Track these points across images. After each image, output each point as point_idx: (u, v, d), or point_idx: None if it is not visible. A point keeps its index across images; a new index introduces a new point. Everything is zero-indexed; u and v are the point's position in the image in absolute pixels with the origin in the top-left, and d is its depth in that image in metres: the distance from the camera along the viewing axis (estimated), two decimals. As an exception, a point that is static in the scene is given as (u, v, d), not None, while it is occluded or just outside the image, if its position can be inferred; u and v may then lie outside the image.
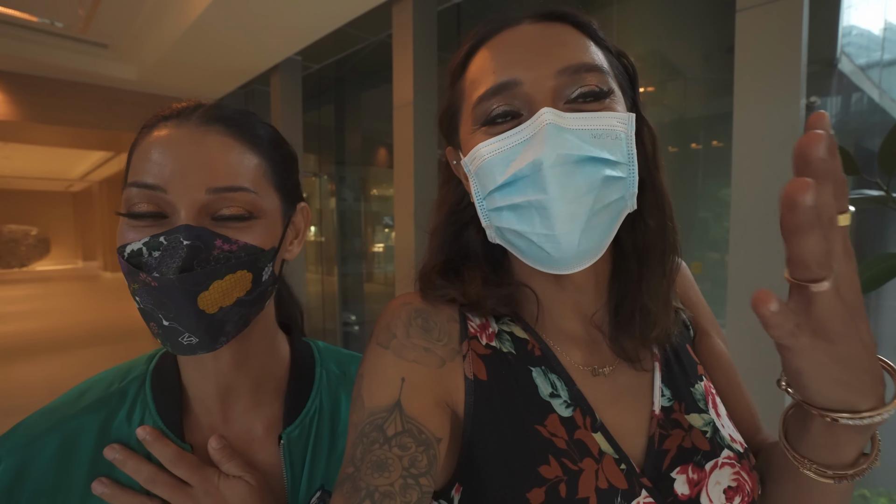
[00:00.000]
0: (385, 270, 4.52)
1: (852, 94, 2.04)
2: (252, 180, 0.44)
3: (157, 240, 0.40)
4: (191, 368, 0.49)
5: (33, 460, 0.43)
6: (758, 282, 1.43)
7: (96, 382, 0.49)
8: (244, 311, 0.44)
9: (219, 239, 0.41)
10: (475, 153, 0.41)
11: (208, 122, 0.44)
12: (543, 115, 0.37)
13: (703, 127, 2.27)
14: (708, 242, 2.13)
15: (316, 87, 4.22)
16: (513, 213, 0.40)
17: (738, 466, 0.42)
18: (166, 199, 0.41)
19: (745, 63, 1.44)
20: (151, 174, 0.41)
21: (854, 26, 2.05)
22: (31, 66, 3.82)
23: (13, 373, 4.17)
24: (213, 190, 0.41)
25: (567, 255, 0.39)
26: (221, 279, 0.41)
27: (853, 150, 1.99)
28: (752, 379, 1.47)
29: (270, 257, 0.45)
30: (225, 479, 0.45)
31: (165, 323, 0.41)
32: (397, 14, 2.69)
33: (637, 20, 2.41)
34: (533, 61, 0.39)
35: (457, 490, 0.40)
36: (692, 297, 0.55)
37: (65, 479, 0.43)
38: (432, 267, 0.47)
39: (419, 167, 2.63)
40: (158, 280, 0.39)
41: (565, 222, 0.37)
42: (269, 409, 0.51)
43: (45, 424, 0.45)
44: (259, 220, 0.44)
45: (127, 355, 1.66)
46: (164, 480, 0.44)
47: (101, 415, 0.46)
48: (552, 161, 0.36)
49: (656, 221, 0.45)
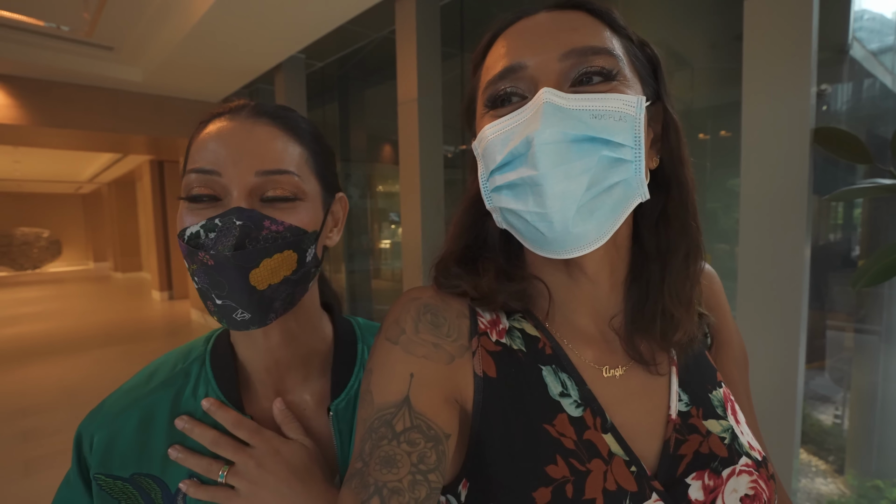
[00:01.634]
0: (392, 266, 4.53)
1: (864, 80, 1.99)
2: (296, 165, 0.48)
3: (212, 222, 0.44)
4: (244, 347, 0.53)
5: (120, 432, 0.49)
6: (768, 272, 1.41)
7: (161, 364, 0.55)
8: (290, 290, 0.48)
9: (267, 220, 0.45)
10: (481, 135, 0.42)
11: (257, 115, 0.49)
12: (542, 94, 0.37)
13: (711, 117, 2.24)
14: (717, 233, 2.11)
15: (320, 85, 4.22)
16: (510, 193, 0.40)
17: (755, 475, 0.41)
18: (221, 182, 0.45)
19: (753, 52, 1.41)
20: (207, 160, 0.45)
21: (866, 10, 2.01)
22: (38, 71, 3.85)
23: (28, 373, 4.24)
24: (262, 173, 0.45)
25: (561, 236, 0.38)
26: (270, 257, 0.45)
27: (865, 137, 1.96)
28: (767, 372, 1.47)
29: (313, 239, 0.49)
30: (284, 441, 0.49)
31: (219, 301, 0.45)
32: (400, 10, 2.67)
33: (643, 10, 2.38)
34: (540, 46, 0.39)
35: (464, 485, 0.40)
36: (713, 304, 0.53)
37: (146, 447, 0.49)
38: (450, 254, 0.47)
39: (424, 163, 2.62)
40: (214, 258, 0.43)
41: (556, 200, 0.36)
42: (317, 384, 0.56)
43: (124, 402, 0.51)
44: (303, 202, 0.48)
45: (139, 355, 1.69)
46: (227, 442, 0.48)
47: (170, 392, 0.51)
48: (544, 138, 0.36)
49: (680, 220, 0.44)
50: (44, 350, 4.98)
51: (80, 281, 11.40)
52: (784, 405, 1.39)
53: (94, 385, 3.90)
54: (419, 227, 2.63)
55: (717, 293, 0.54)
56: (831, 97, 1.98)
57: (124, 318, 6.76)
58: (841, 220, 2.19)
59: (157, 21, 3.27)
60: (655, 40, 0.45)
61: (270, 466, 0.47)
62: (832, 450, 2.12)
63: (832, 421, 2.18)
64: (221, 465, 0.48)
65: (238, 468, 0.48)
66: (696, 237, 0.45)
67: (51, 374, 4.20)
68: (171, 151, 6.20)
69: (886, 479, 1.89)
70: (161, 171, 7.88)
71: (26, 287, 10.36)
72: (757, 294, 1.44)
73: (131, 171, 9.23)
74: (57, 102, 4.14)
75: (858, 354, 2.04)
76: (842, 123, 2.00)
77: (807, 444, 2.17)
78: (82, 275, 12.80)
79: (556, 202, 0.37)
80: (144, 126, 4.62)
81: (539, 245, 0.40)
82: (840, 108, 2.02)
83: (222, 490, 0.47)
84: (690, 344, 0.45)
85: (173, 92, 4.61)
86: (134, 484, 0.48)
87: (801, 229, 1.33)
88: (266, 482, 0.47)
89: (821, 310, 2.09)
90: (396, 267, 4.35)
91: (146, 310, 7.37)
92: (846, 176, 1.93)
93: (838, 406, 2.17)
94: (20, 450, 2.82)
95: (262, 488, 0.47)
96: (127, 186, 11.11)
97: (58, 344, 5.23)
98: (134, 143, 5.57)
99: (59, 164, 9.11)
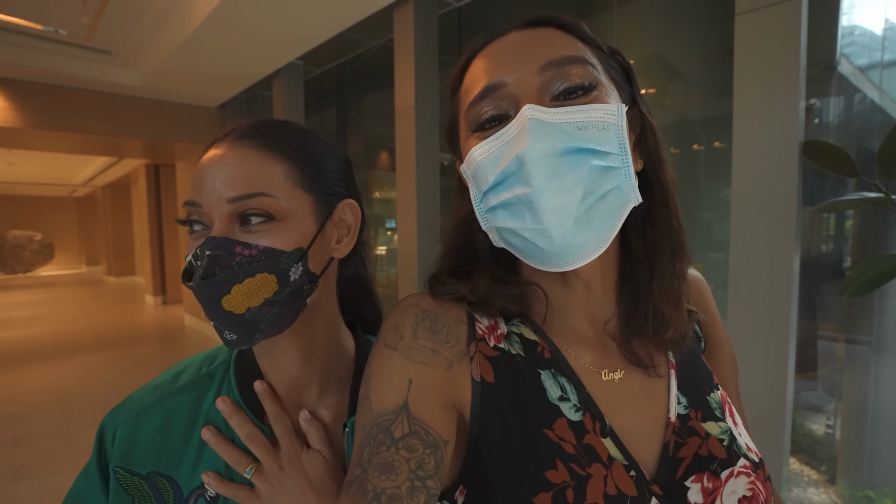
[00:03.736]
0: (388, 273, 4.53)
1: (852, 95, 2.04)
2: (274, 185, 0.47)
3: (196, 252, 0.46)
4: (264, 361, 0.54)
5: (142, 429, 0.50)
6: (758, 282, 1.43)
7: (188, 366, 0.56)
8: (276, 310, 0.47)
9: (238, 245, 0.45)
10: (469, 157, 0.42)
11: (237, 139, 0.49)
12: (525, 111, 0.38)
13: (704, 128, 2.27)
14: (711, 244, 2.13)
15: (318, 92, 4.24)
16: (506, 211, 0.40)
17: (753, 476, 0.42)
18: (203, 212, 0.46)
19: (744, 67, 1.44)
20: (193, 192, 0.47)
21: (856, 26, 2.05)
22: (35, 74, 3.84)
23: (19, 377, 4.18)
24: (232, 199, 0.46)
25: (561, 249, 0.38)
26: (241, 283, 0.44)
27: (855, 151, 1.99)
28: (757, 380, 1.48)
29: (296, 257, 0.48)
30: (306, 451, 0.50)
31: (213, 323, 0.47)
32: (398, 18, 2.70)
33: (637, 23, 2.41)
34: (517, 63, 0.40)
35: (461, 492, 0.40)
36: (703, 309, 0.54)
37: (165, 446, 0.50)
38: (444, 270, 0.48)
39: (421, 170, 2.64)
40: (192, 288, 0.45)
41: (553, 214, 0.37)
42: (335, 400, 0.56)
43: (149, 400, 0.52)
44: (282, 222, 0.47)
45: (131, 359, 1.68)
46: (261, 440, 0.49)
47: (193, 394, 0.52)
48: (534, 154, 0.36)
49: (664, 219, 0.45)
50: (34, 354, 4.91)
51: (73, 285, 11.28)
52: (773, 414, 1.40)
53: (85, 390, 3.85)
54: (415, 234, 2.64)
55: (704, 298, 0.55)
56: (823, 111, 2.02)
57: (117, 322, 6.69)
58: (833, 232, 2.21)
59: (156, 26, 3.28)
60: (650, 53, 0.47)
61: (291, 472, 0.48)
62: (824, 459, 2.13)
63: (824, 431, 2.19)
64: (250, 461, 0.49)
65: (263, 468, 0.48)
66: (681, 235, 0.46)
67: (41, 379, 4.14)
68: (168, 155, 6.18)
69: (878, 489, 1.90)
70: (157, 175, 7.84)
71: (17, 291, 10.23)
72: (747, 303, 1.46)
73: (126, 174, 9.17)
74: (53, 105, 4.12)
75: (850, 364, 2.06)
76: (833, 137, 2.04)
77: (799, 453, 2.18)
78: (75, 279, 12.66)
79: (553, 216, 0.37)
80: (141, 130, 4.61)
81: (539, 260, 0.40)
82: (833, 122, 2.06)
83: (244, 489, 0.48)
84: (683, 341, 0.46)
85: (171, 96, 4.61)
86: (149, 482, 0.49)
87: (790, 240, 1.35)
88: (285, 487, 0.47)
89: (813, 319, 2.11)
90: (392, 273, 4.35)
91: (139, 314, 7.30)
92: (837, 188, 1.96)
93: (830, 416, 2.18)
94: (8, 456, 2.78)
95: (280, 492, 0.47)
96: (122, 190, 11.04)
97: (49, 348, 5.16)
98: (130, 147, 5.55)
99: (54, 167, 9.06)
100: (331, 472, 0.50)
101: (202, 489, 0.49)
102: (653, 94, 2.34)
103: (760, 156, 1.41)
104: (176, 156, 6.07)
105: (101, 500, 0.50)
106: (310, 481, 0.48)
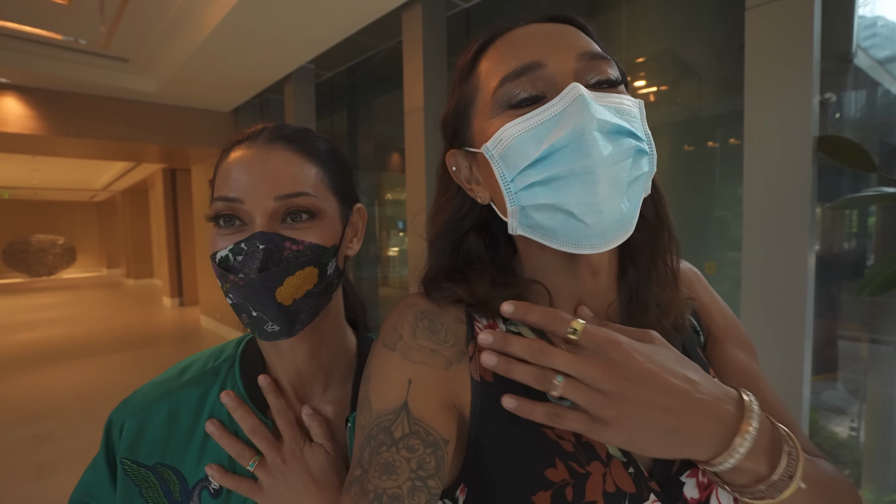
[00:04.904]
0: (400, 274, 4.54)
1: (871, 88, 1.98)
2: (312, 186, 0.51)
3: (239, 246, 0.48)
4: (272, 356, 0.56)
5: (149, 422, 0.51)
6: (771, 281, 1.40)
7: (195, 361, 0.58)
8: (314, 302, 0.51)
9: (287, 241, 0.48)
10: (501, 135, 0.40)
11: (272, 140, 0.51)
12: (574, 88, 0.38)
13: (719, 125, 2.23)
14: (727, 242, 2.09)
15: (329, 95, 4.28)
16: (547, 188, 0.39)
17: None
18: (244, 208, 0.48)
19: (755, 61, 1.41)
20: (231, 188, 0.49)
21: (879, 17, 1.99)
22: (56, 82, 3.95)
23: (42, 377, 4.30)
24: (280, 197, 0.48)
25: (606, 225, 0.38)
26: (293, 275, 0.48)
27: (877, 146, 1.94)
28: (772, 381, 1.44)
29: (332, 253, 0.52)
30: (308, 444, 0.51)
31: (254, 314, 0.48)
32: (407, 21, 2.71)
33: (647, 20, 2.38)
34: (555, 46, 0.41)
35: (461, 491, 0.41)
36: (704, 301, 0.54)
37: (171, 438, 0.51)
38: (437, 272, 0.47)
39: (431, 171, 2.64)
40: (244, 280, 0.46)
41: (608, 187, 0.37)
42: (337, 395, 0.57)
43: (156, 394, 0.53)
44: (321, 220, 0.51)
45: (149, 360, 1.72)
46: (264, 433, 0.51)
47: (199, 389, 0.54)
48: (594, 126, 0.37)
49: (656, 212, 0.46)
50: (58, 355, 5.05)
51: (94, 287, 11.57)
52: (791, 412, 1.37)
53: (105, 390, 3.94)
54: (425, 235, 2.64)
55: (696, 289, 0.55)
56: (843, 105, 1.96)
57: (136, 323, 6.83)
58: (855, 229, 2.15)
59: (170, 34, 3.35)
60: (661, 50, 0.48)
61: (293, 465, 0.49)
62: (848, 463, 2.07)
63: (848, 433, 2.13)
64: (253, 454, 0.50)
65: (266, 461, 0.49)
66: (670, 226, 0.47)
67: (64, 378, 4.26)
68: (184, 160, 6.30)
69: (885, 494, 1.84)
70: (173, 180, 7.99)
71: (41, 293, 10.53)
72: (761, 301, 1.43)
73: (144, 179, 9.38)
74: (73, 112, 4.23)
75: (873, 365, 2.00)
76: (854, 132, 1.98)
77: (820, 456, 2.12)
78: (96, 281, 12.99)
79: (607, 189, 0.37)
80: (158, 135, 4.71)
81: (575, 240, 0.39)
82: (854, 116, 2.00)
83: (247, 481, 0.49)
84: (683, 327, 0.46)
85: (186, 102, 4.70)
86: (156, 473, 0.50)
87: (805, 237, 1.32)
88: (287, 480, 0.49)
89: (833, 319, 2.05)
90: (404, 275, 4.36)
91: (157, 316, 7.45)
92: (856, 184, 1.91)
93: (853, 418, 2.13)
94: (32, 453, 2.86)
95: (283, 485, 0.48)
96: (140, 194, 11.28)
97: (71, 349, 5.30)
98: (147, 152, 5.67)
99: (75, 172, 9.30)
100: (333, 466, 0.51)
101: (206, 481, 0.50)
102: (665, 91, 2.31)
103: (773, 152, 1.38)
104: (191, 160, 6.18)
105: (108, 491, 0.51)
106: (312, 474, 0.49)
